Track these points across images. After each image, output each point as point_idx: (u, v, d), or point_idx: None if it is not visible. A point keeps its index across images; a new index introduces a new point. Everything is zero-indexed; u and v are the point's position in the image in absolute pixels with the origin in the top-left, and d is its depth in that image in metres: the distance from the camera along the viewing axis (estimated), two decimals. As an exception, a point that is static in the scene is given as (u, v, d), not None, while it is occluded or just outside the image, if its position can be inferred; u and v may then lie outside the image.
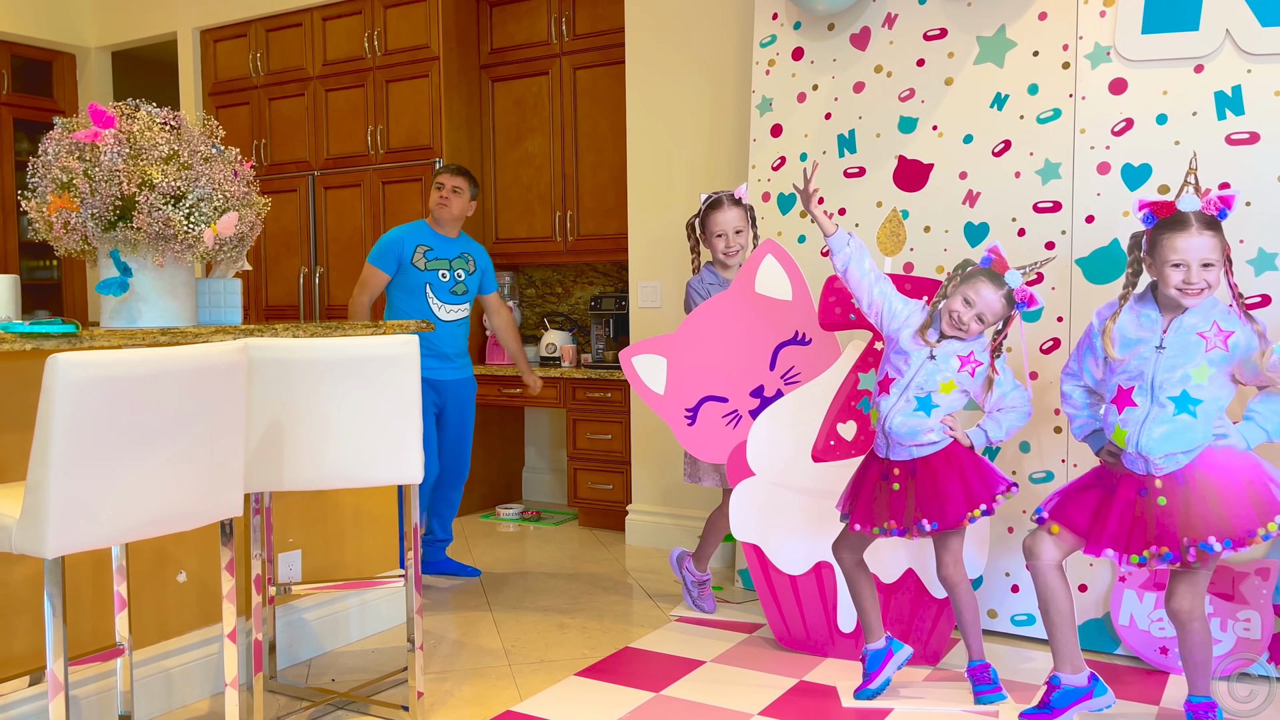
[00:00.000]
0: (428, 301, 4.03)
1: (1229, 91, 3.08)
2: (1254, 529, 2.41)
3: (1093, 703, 2.60)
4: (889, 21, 3.65)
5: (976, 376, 2.80)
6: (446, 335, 4.07)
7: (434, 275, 4.03)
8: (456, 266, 4.09)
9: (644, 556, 4.52)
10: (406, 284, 4.03)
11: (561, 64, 5.27)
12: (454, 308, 4.09)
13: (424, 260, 4.03)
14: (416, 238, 4.07)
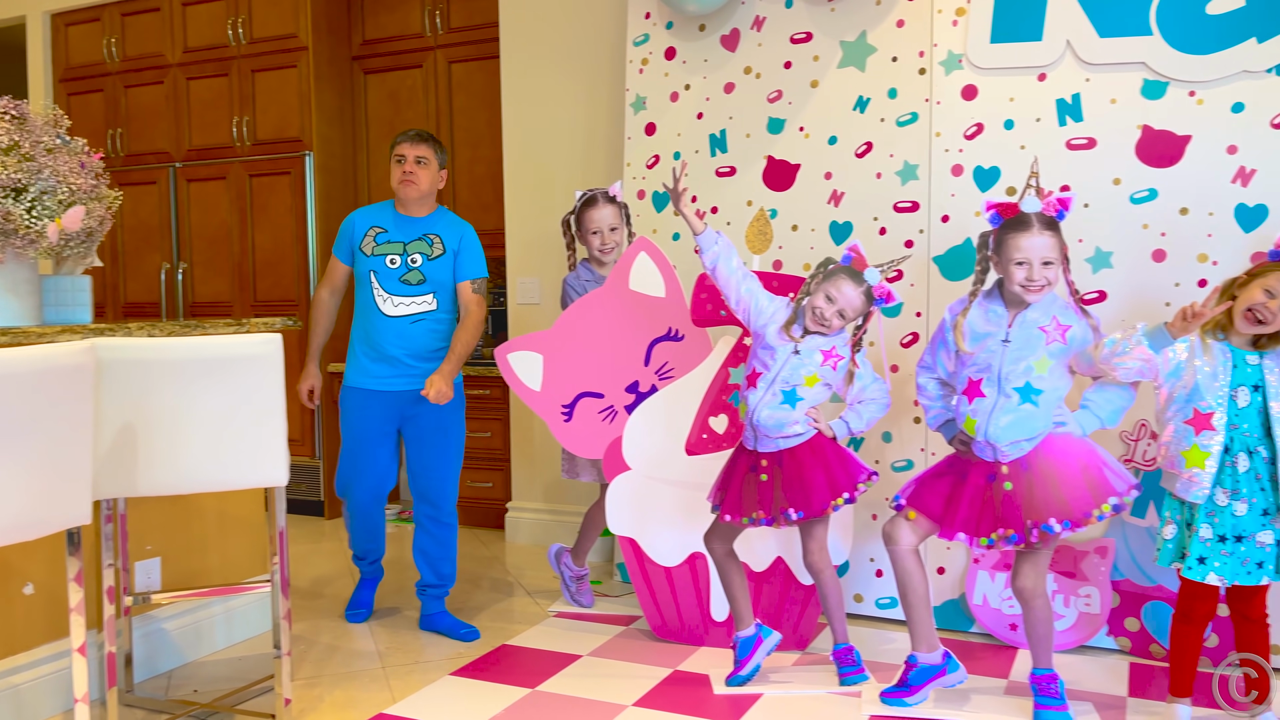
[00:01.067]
0: (372, 293, 3.38)
1: (1069, 99, 3.27)
2: (1090, 510, 2.58)
3: (946, 679, 2.74)
4: (757, 24, 3.74)
5: (838, 370, 2.90)
6: (391, 334, 3.36)
7: (379, 262, 3.37)
8: (413, 250, 3.38)
9: (524, 554, 4.52)
10: (357, 273, 3.45)
11: (436, 57, 5.21)
12: (404, 300, 3.37)
13: (372, 245, 3.39)
14: (371, 219, 3.46)
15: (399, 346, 3.37)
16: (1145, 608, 3.15)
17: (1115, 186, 3.21)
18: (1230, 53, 3.06)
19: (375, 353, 3.37)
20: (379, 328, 3.36)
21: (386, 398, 3.40)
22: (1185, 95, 3.13)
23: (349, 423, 3.45)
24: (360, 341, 3.42)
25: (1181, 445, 2.53)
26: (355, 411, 3.43)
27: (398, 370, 3.38)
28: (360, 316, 3.43)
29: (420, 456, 3.42)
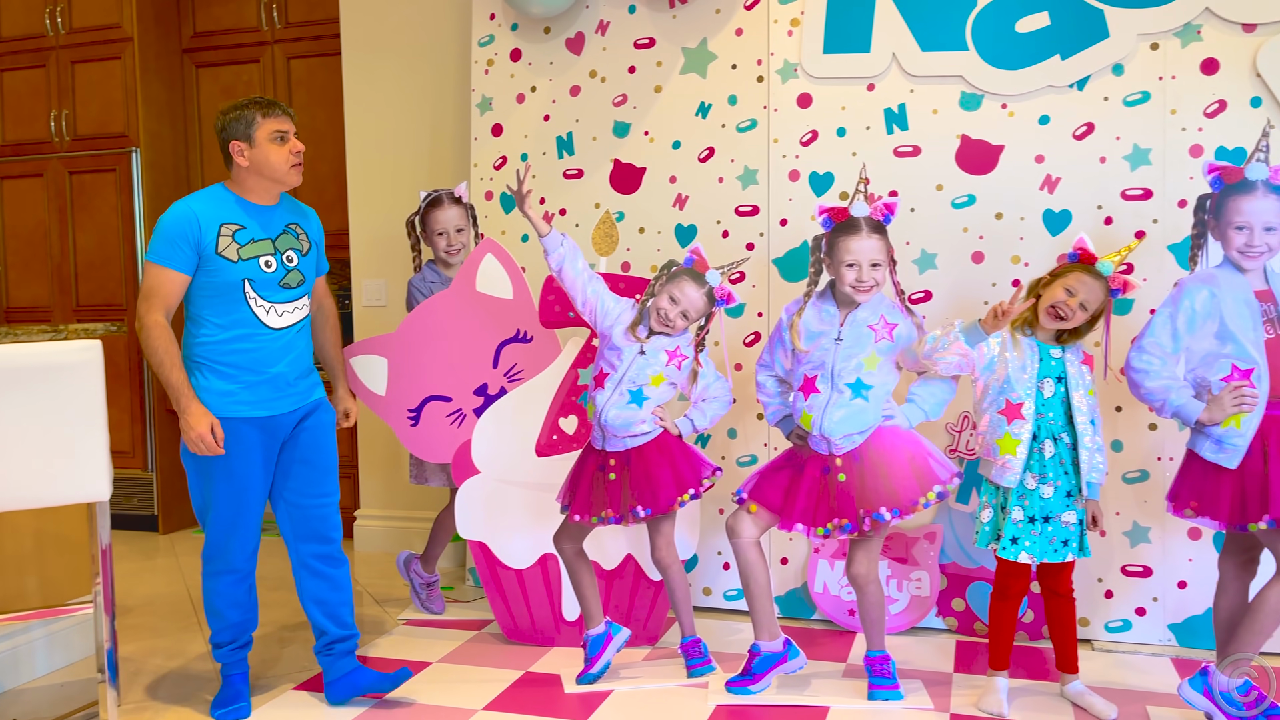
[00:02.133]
0: (248, 306, 2.73)
1: (896, 109, 3.45)
2: (916, 498, 2.73)
3: (788, 665, 2.84)
4: (602, 28, 3.78)
5: (683, 370, 2.97)
6: (280, 349, 2.77)
7: (253, 266, 2.73)
8: (284, 247, 2.79)
9: (373, 563, 4.42)
10: (214, 285, 2.70)
11: (274, 52, 5.03)
12: (287, 307, 2.79)
13: (235, 247, 2.71)
14: (218, 213, 2.71)
15: (288, 363, 2.80)
16: (970, 588, 3.35)
17: (938, 192, 3.41)
18: (1037, 69, 3.29)
19: (256, 375, 2.74)
20: (264, 345, 2.75)
21: (270, 425, 2.79)
22: (998, 108, 3.35)
23: (229, 466, 2.72)
24: (229, 365, 2.72)
25: (996, 434, 2.71)
26: (237, 449, 2.72)
27: (281, 391, 2.79)
28: (226, 336, 2.72)
29: (304, 486, 2.85)
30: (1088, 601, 3.23)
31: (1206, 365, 2.53)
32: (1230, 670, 2.50)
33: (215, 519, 2.76)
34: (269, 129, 2.73)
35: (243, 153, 2.73)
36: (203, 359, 2.72)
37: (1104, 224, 3.23)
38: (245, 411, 2.73)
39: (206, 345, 2.72)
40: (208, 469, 2.73)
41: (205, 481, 2.75)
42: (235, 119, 2.73)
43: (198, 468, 2.75)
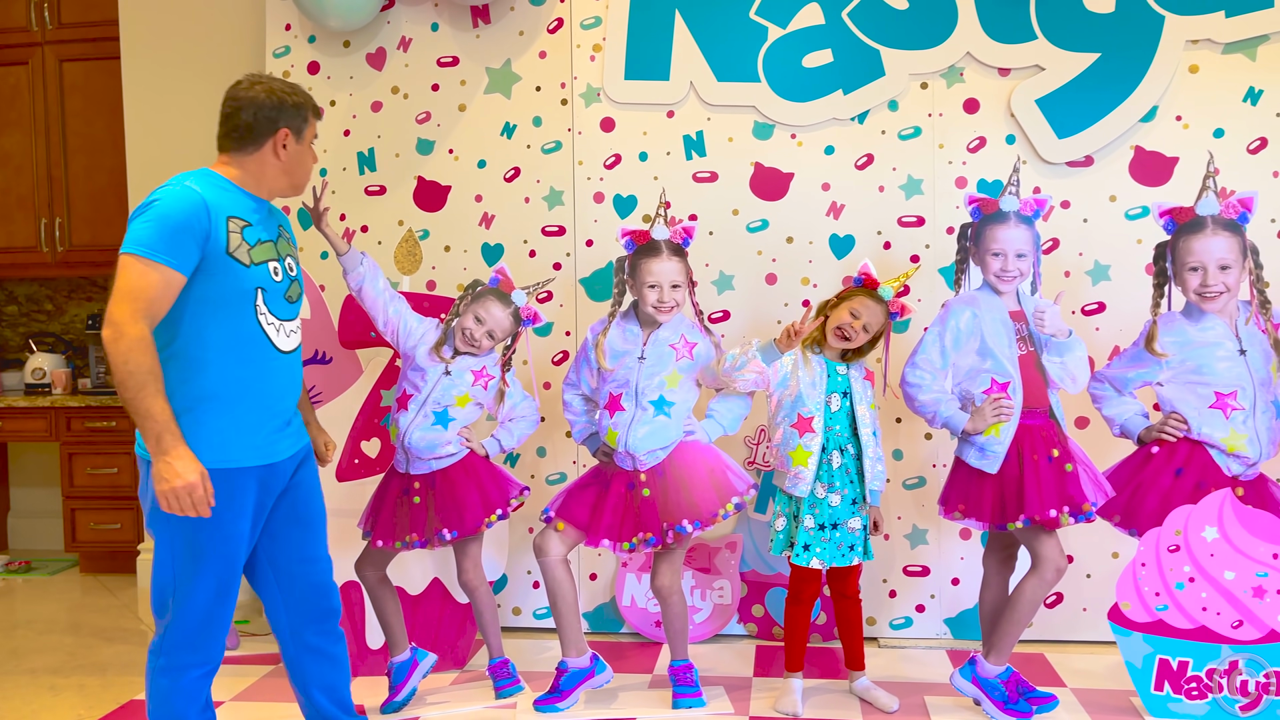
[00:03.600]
0: (259, 323, 2.17)
1: (694, 135, 3.58)
2: (716, 510, 2.83)
3: (595, 680, 2.88)
4: (404, 45, 3.74)
5: (489, 390, 2.97)
6: (289, 379, 2.27)
7: (264, 274, 2.17)
8: (284, 252, 2.27)
9: (160, 598, 4.14)
10: (222, 294, 2.12)
11: (44, 54, 4.66)
12: (292, 325, 2.27)
13: (245, 247, 2.14)
14: (225, 202, 2.15)
15: (292, 395, 2.28)
16: (768, 594, 3.50)
17: (734, 216, 3.56)
18: (823, 102, 3.51)
19: (263, 412, 2.19)
20: (275, 373, 2.21)
21: (268, 476, 2.22)
22: (788, 137, 3.54)
23: (220, 530, 2.13)
24: (234, 399, 2.14)
25: (789, 446, 2.86)
26: (230, 508, 2.14)
27: (281, 432, 2.25)
28: (233, 361, 2.15)
29: (300, 551, 2.32)
30: (873, 601, 3.44)
31: (970, 379, 2.76)
32: (995, 658, 2.73)
33: (192, 598, 2.13)
34: (313, 133, 2.35)
35: (286, 145, 2.26)
36: (199, 392, 2.10)
37: (883, 249, 3.48)
38: (246, 459, 2.15)
39: (206, 373, 2.10)
40: (190, 535, 2.10)
41: (184, 550, 2.11)
42: (295, 106, 2.26)
43: (174, 533, 2.11)
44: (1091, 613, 3.34)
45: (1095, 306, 3.38)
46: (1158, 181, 3.35)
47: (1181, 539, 2.64)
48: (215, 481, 2.08)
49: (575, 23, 3.62)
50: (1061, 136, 3.38)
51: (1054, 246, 3.38)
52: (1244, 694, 2.64)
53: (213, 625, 2.17)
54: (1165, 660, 2.67)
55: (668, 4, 3.54)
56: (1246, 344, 2.72)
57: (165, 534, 2.12)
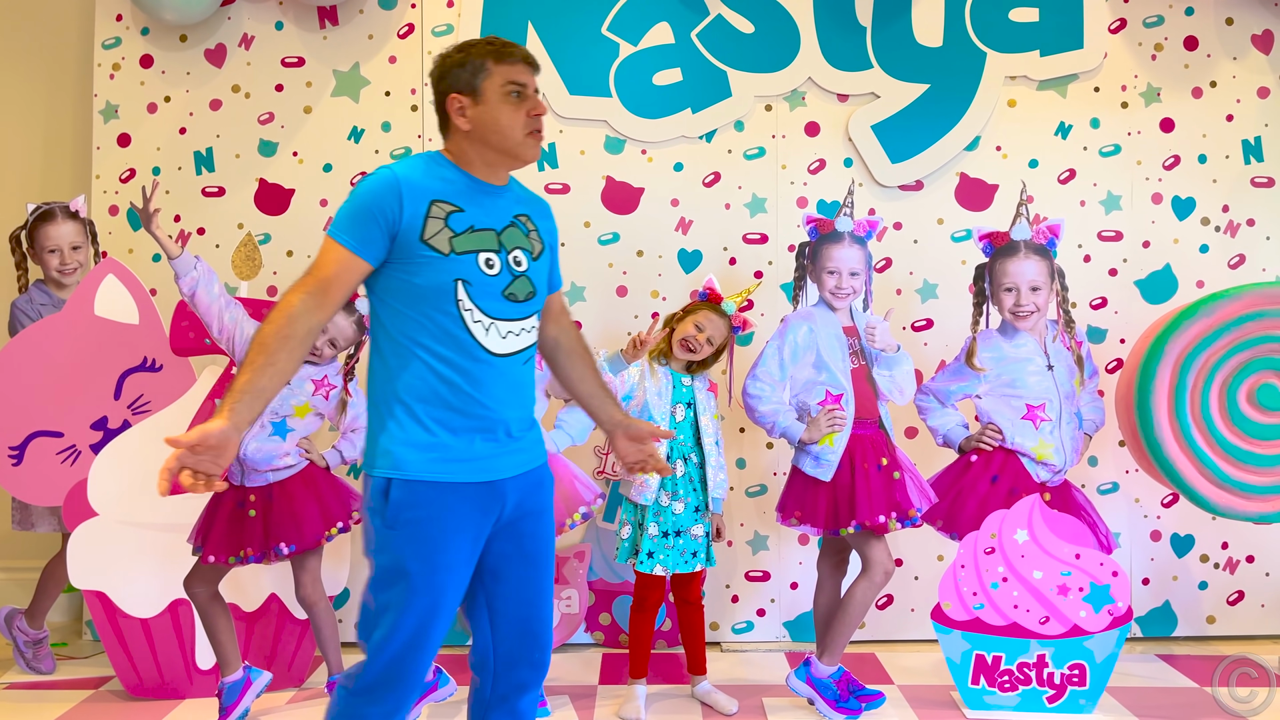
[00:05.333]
0: (462, 320, 1.86)
1: (546, 147, 3.58)
2: (562, 520, 2.85)
3: (437, 694, 2.84)
4: (246, 42, 3.61)
5: (331, 399, 2.90)
6: (505, 385, 1.91)
7: (469, 265, 1.87)
8: (511, 244, 1.92)
9: (-34, 622, 3.84)
10: (415, 286, 1.85)
11: None
12: (512, 326, 1.91)
13: (449, 234, 1.86)
14: (430, 185, 1.87)
15: (512, 405, 1.92)
16: (615, 602, 3.54)
17: (586, 229, 3.60)
18: (672, 119, 3.59)
19: (471, 421, 1.87)
20: (483, 377, 1.88)
21: (487, 497, 1.87)
22: (639, 153, 3.61)
23: (428, 552, 1.81)
24: (433, 404, 1.85)
25: (635, 457, 2.90)
26: (440, 527, 1.82)
27: (503, 447, 1.90)
28: (430, 361, 1.85)
29: (525, 593, 1.95)
30: (717, 606, 3.53)
31: (806, 391, 2.88)
32: (828, 658, 2.85)
33: (391, 631, 1.80)
34: (501, 80, 1.90)
35: (463, 110, 1.91)
36: (396, 393, 1.85)
37: (729, 264, 3.58)
38: (456, 474, 1.83)
39: (402, 372, 1.85)
40: (397, 557, 1.80)
41: (388, 573, 1.81)
42: (458, 64, 1.93)
43: (381, 555, 1.82)
44: (919, 613, 3.52)
45: (924, 323, 3.58)
46: (980, 206, 3.58)
47: (996, 541, 2.83)
48: (419, 496, 1.80)
49: (426, 29, 3.59)
50: (895, 161, 3.57)
51: (886, 265, 3.56)
52: (1050, 685, 2.84)
53: (413, 664, 1.82)
54: (981, 656, 2.85)
55: (520, 15, 3.56)
56: (1054, 360, 2.94)
57: (372, 555, 1.85)
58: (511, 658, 1.93)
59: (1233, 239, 3.59)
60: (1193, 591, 3.58)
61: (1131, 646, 3.43)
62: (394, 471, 1.81)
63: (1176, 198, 3.59)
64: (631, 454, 2.09)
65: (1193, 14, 3.60)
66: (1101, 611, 2.81)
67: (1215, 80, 3.60)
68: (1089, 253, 3.58)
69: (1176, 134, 3.59)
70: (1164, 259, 3.59)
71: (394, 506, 1.80)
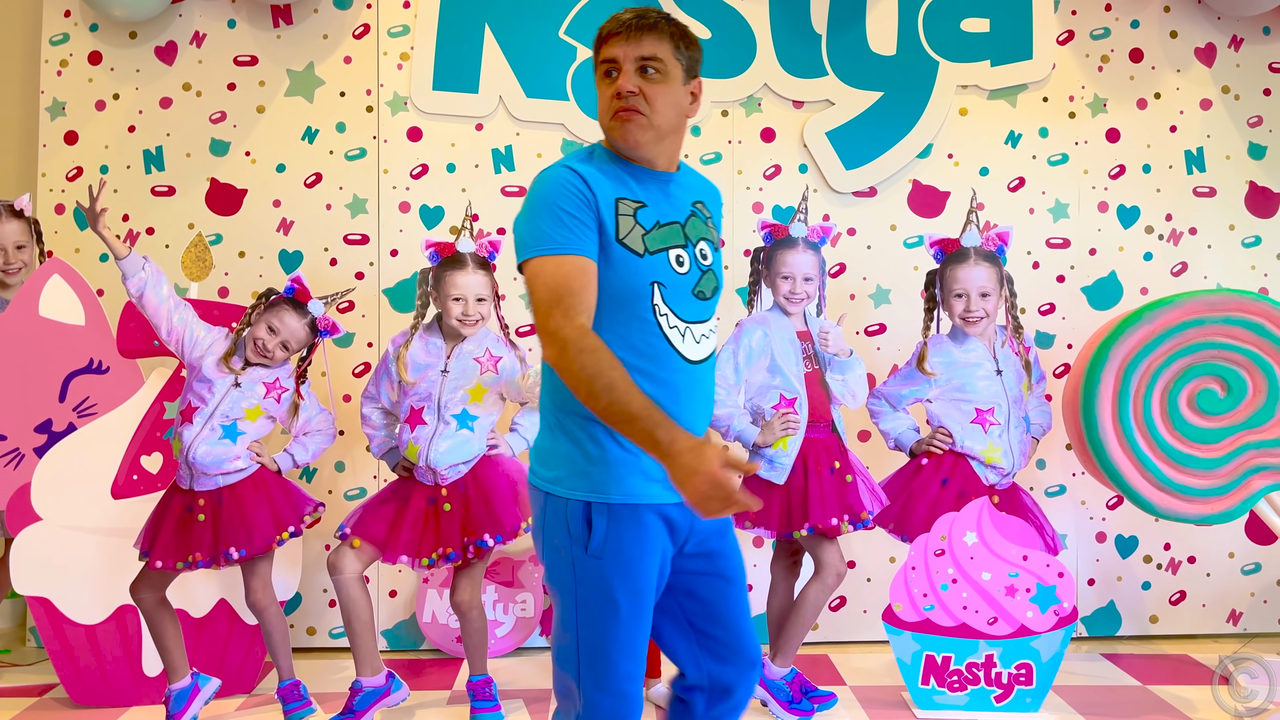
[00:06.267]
0: (658, 325, 1.70)
1: (503, 150, 3.60)
2: (518, 524, 2.84)
3: (390, 699, 2.83)
4: (198, 40, 3.56)
5: (283, 402, 2.87)
6: (700, 396, 1.78)
7: (662, 264, 1.71)
8: (696, 236, 1.76)
9: (-97, 630, 3.75)
10: (609, 291, 1.68)
11: None
12: (703, 328, 1.77)
13: (639, 231, 1.70)
14: (610, 182, 1.70)
15: (703, 419, 1.79)
16: (571, 606, 3.54)
17: (542, 231, 3.59)
18: (629, 124, 3.60)
19: None
20: (681, 388, 1.72)
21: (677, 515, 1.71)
22: (596, 156, 3.61)
23: (633, 574, 1.68)
24: None
25: (591, 460, 2.90)
26: (638, 550, 1.68)
27: None
28: (629, 369, 1.64)
29: (727, 614, 1.80)
30: (673, 610, 3.54)
31: (760, 395, 2.90)
32: (780, 660, 2.87)
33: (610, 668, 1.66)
34: (599, 60, 1.74)
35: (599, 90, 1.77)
36: (585, 411, 1.63)
37: (685, 268, 3.60)
38: (657, 495, 1.67)
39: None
40: (602, 585, 1.65)
41: (595, 607, 1.66)
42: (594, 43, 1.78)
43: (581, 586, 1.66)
44: (871, 614, 3.56)
45: (877, 328, 3.63)
46: (932, 213, 3.64)
47: (946, 544, 2.87)
48: (623, 520, 1.65)
49: (382, 30, 3.57)
50: (849, 168, 3.61)
51: (840, 271, 3.60)
52: (998, 685, 2.89)
53: (632, 699, 1.68)
54: (931, 656, 2.89)
55: (477, 17, 3.55)
56: (1003, 365, 2.99)
57: (568, 587, 1.67)
58: (715, 680, 1.80)
59: (1175, 247, 3.68)
60: (1136, 592, 3.66)
61: (1077, 646, 3.51)
62: (596, 495, 1.65)
63: (1122, 206, 3.67)
64: None
65: (1138, 27, 3.69)
66: (1048, 612, 2.86)
67: (1159, 92, 3.69)
68: (1037, 259, 3.65)
69: (1122, 144, 3.68)
70: (1110, 266, 3.67)
71: (598, 533, 1.64)
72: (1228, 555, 3.67)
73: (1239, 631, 3.68)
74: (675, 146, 1.76)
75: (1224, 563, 3.67)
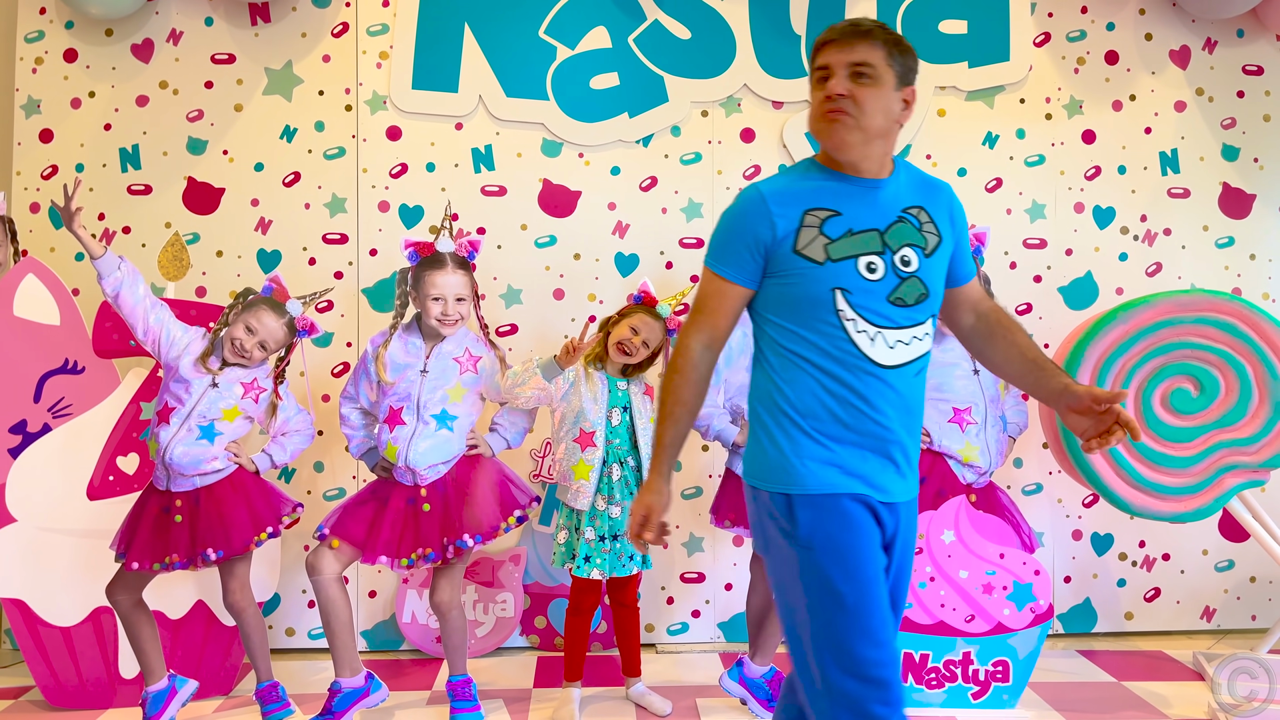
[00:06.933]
0: (844, 331, 1.76)
1: (483, 149, 3.59)
2: (498, 524, 2.84)
3: (369, 700, 2.82)
4: (174, 38, 3.54)
5: (261, 403, 2.85)
6: (894, 400, 1.79)
7: (848, 271, 1.76)
8: (897, 243, 1.79)
9: (-125, 633, 3.70)
10: (792, 298, 1.78)
11: None
12: (900, 335, 1.79)
13: (823, 241, 1.76)
14: (802, 195, 1.79)
15: (907, 426, 1.81)
16: (551, 605, 3.54)
17: (523, 231, 3.60)
18: (609, 123, 3.60)
19: (866, 436, 1.77)
20: (871, 391, 1.77)
21: (882, 515, 1.79)
22: (576, 156, 3.61)
23: (850, 562, 1.73)
24: (823, 419, 1.77)
25: (571, 460, 2.91)
26: (851, 538, 1.74)
27: (900, 471, 1.81)
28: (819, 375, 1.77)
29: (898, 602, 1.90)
30: (653, 609, 3.55)
31: (740, 395, 2.91)
32: (760, 659, 2.88)
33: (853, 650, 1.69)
34: (814, 66, 1.82)
35: None
36: (780, 409, 1.78)
37: (665, 268, 3.61)
38: (856, 487, 1.75)
39: (787, 389, 1.78)
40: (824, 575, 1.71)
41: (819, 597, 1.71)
42: None
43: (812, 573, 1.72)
44: (850, 612, 3.58)
45: (856, 327, 3.64)
46: (911, 214, 3.65)
47: (924, 542, 2.89)
48: (825, 510, 1.72)
49: (361, 28, 3.56)
50: (828, 168, 3.62)
51: (820, 270, 3.61)
52: (975, 681, 2.92)
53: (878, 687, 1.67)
54: (909, 654, 2.91)
55: (457, 16, 3.54)
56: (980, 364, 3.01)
57: (792, 579, 1.73)
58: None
59: (1150, 248, 3.72)
60: (1112, 589, 3.70)
61: (1053, 643, 3.54)
62: (795, 487, 1.74)
63: (1098, 207, 3.71)
64: (1082, 427, 1.80)
65: (1114, 29, 3.72)
66: (1024, 609, 2.89)
67: (1134, 94, 3.73)
68: (1015, 259, 3.68)
69: (1097, 145, 3.71)
70: (1085, 266, 3.70)
71: (804, 525, 1.72)
72: (1201, 553, 3.71)
73: (1213, 628, 3.72)
74: (884, 151, 1.80)
75: (1198, 560, 3.71)
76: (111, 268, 2.70)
